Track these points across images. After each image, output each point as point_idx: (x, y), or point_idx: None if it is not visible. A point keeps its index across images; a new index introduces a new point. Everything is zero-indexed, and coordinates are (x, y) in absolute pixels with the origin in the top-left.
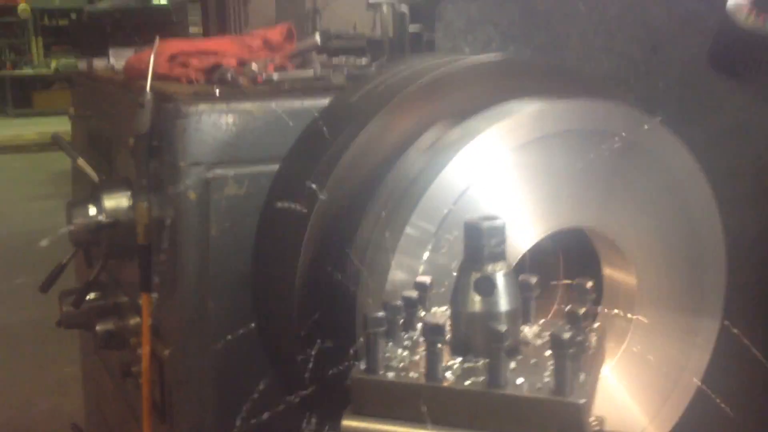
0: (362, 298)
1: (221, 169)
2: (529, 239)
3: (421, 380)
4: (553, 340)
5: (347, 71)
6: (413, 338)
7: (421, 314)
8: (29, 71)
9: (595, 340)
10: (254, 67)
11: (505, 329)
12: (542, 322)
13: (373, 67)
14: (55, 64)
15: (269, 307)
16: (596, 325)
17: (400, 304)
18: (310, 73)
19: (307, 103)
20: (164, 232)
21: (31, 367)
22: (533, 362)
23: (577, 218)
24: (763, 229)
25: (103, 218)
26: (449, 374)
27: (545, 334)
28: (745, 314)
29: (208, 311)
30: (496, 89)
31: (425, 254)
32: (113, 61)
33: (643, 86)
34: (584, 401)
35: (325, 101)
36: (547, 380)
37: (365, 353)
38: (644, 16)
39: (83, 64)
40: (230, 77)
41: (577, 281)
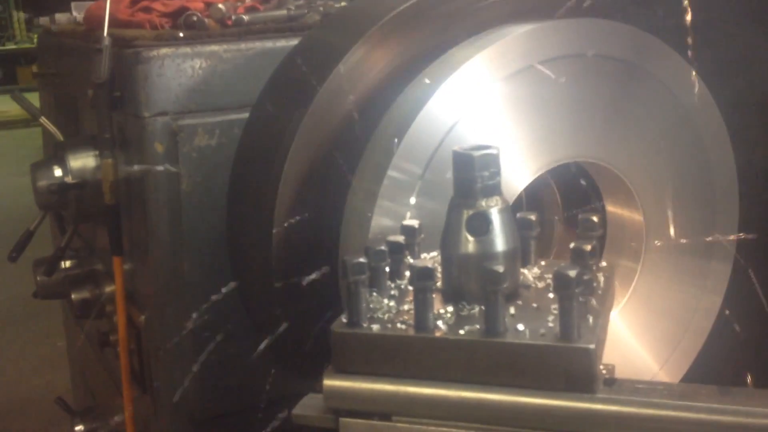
0: (344, 246)
1: (189, 118)
2: (525, 176)
3: (409, 332)
4: (557, 279)
5: (324, 10)
6: (401, 287)
7: (409, 261)
8: (12, 46)
9: (603, 279)
10: (222, 8)
11: (502, 270)
12: (543, 263)
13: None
14: (38, 38)
15: (246, 261)
16: (603, 264)
17: (383, 249)
18: (283, 13)
19: (279, 43)
20: (132, 189)
21: (23, 342)
22: (535, 307)
23: (577, 152)
24: None
25: (69, 179)
26: (441, 324)
27: (547, 276)
28: (756, 254)
29: (183, 273)
30: (484, 13)
31: (412, 199)
32: (75, 13)
33: (641, 15)
34: (593, 346)
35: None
36: (551, 325)
37: (346, 304)
38: None
39: (45, 19)
40: (196, 20)
41: (582, 216)
